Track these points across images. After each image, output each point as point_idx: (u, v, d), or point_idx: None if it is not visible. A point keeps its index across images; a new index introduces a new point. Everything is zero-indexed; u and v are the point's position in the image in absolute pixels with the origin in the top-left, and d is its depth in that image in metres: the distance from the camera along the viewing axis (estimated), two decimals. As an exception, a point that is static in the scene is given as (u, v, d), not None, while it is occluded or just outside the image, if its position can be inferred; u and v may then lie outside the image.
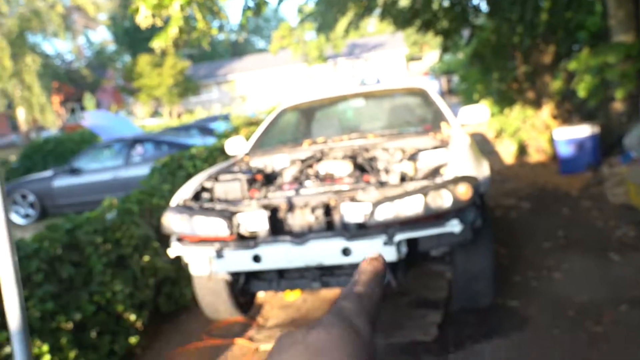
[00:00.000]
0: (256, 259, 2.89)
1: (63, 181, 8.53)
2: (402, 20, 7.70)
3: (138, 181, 5.12)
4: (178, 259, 3.55)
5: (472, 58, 8.69)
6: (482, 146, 8.44)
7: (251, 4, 4.31)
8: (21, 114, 24.39)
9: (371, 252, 0.40)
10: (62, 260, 3.07)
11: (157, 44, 3.73)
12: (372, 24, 41.01)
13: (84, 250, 3.22)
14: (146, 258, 3.59)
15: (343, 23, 8.20)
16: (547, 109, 7.53)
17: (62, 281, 3.04)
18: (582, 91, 5.90)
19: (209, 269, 3.12)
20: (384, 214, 2.76)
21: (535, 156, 7.62)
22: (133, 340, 3.28)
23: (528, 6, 6.12)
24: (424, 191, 2.75)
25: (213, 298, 3.43)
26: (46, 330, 2.76)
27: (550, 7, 6.77)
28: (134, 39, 36.35)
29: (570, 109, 7.46)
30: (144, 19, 3.34)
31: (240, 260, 2.93)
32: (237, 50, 46.49)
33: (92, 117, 13.95)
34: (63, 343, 2.81)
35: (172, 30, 3.62)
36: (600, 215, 4.75)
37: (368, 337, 0.33)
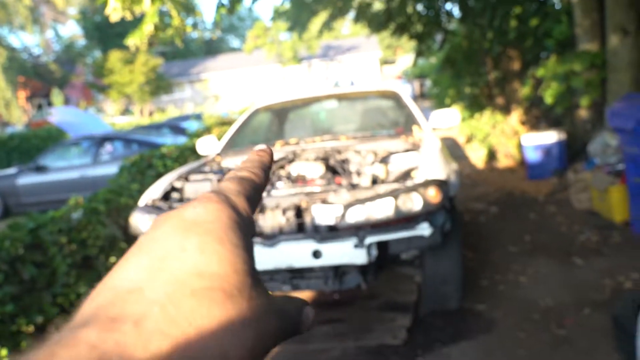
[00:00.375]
0: (226, 260, 2.85)
1: (28, 179, 8.30)
2: (376, 23, 7.76)
3: (106, 180, 5.02)
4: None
5: (445, 63, 8.82)
6: (453, 150, 8.56)
7: (225, 1, 4.26)
8: (-15, 108, 23.65)
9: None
10: (24, 261, 2.98)
11: (132, 41, 3.66)
12: (347, 26, 41.24)
13: (48, 251, 3.13)
14: (112, 259, 3.51)
15: (317, 23, 8.21)
16: (516, 115, 7.69)
17: (23, 282, 2.95)
18: (548, 98, 6.05)
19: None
20: (355, 216, 2.77)
21: (504, 161, 7.77)
22: (97, 343, 3.20)
23: (497, 13, 6.24)
24: (394, 194, 2.77)
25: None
26: (5, 334, 2.68)
27: (519, 14, 6.92)
28: (104, 34, 35.64)
29: (538, 115, 7.64)
30: (112, 11, 3.26)
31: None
32: (211, 48, 46.08)
33: (59, 114, 13.60)
34: (23, 347, 2.72)
35: (147, 28, 3.56)
36: (565, 220, 4.87)
37: (246, 215, 0.32)
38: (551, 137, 6.39)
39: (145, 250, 0.28)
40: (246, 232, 0.31)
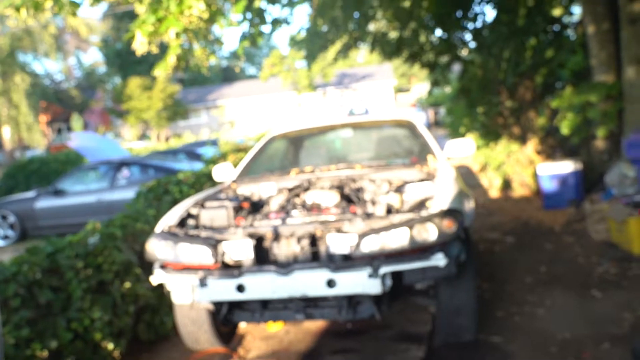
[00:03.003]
0: (240, 288, 2.86)
1: (46, 202, 8.42)
2: (389, 51, 7.87)
3: (123, 205, 5.08)
4: (160, 286, 3.50)
5: (459, 92, 8.86)
6: (467, 179, 8.53)
7: (248, 34, 4.38)
8: (7, 132, 24.17)
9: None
10: (41, 285, 3.01)
11: (157, 72, 3.77)
12: (362, 54, 41.72)
13: (64, 275, 3.16)
14: (127, 284, 3.53)
15: (332, 51, 8.34)
16: (532, 144, 7.66)
17: (39, 307, 2.98)
18: (565, 129, 6.03)
19: (191, 298, 3.08)
20: (370, 245, 2.77)
21: (519, 190, 7.72)
22: (110, 369, 3.20)
23: (512, 44, 6.30)
24: (409, 224, 2.76)
25: (194, 327, 3.38)
26: (20, 358, 2.69)
27: (534, 45, 6.97)
28: (125, 61, 36.48)
29: (554, 145, 7.60)
30: (140, 46, 3.38)
31: (224, 290, 2.89)
32: (228, 75, 46.85)
33: (78, 138, 13.89)
34: (37, 371, 2.73)
35: (171, 59, 3.67)
36: (582, 251, 4.80)
37: None
38: (567, 166, 6.35)
39: None
40: None
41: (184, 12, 3.19)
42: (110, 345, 3.24)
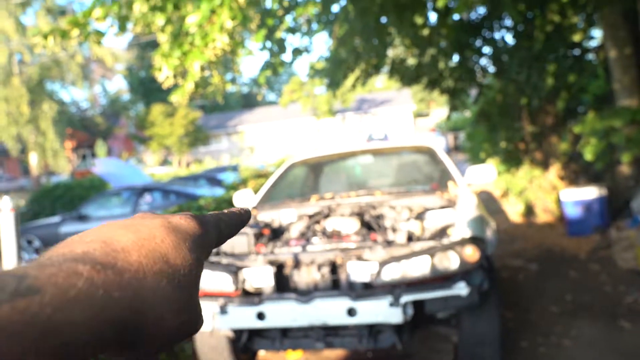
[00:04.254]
0: (260, 316, 2.85)
1: (70, 227, 8.57)
2: (408, 77, 7.91)
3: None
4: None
5: (479, 117, 8.84)
6: (489, 204, 8.44)
7: (269, 63, 4.46)
8: (34, 158, 24.79)
9: None
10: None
11: (174, 98, 3.86)
12: (381, 79, 42.02)
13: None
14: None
15: (352, 78, 8.42)
16: (554, 170, 7.57)
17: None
18: (588, 154, 5.95)
19: (211, 325, 3.08)
20: (391, 274, 2.74)
21: (542, 216, 7.60)
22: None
23: (533, 70, 6.28)
24: (430, 252, 2.74)
25: (214, 355, 3.36)
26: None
27: (555, 70, 6.94)
28: (148, 88, 37.37)
29: (577, 170, 7.50)
30: (166, 79, 3.47)
31: (244, 317, 2.89)
32: (248, 102, 47.57)
33: (102, 165, 14.15)
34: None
35: (189, 86, 3.75)
36: (609, 279, 4.68)
37: (211, 241, 0.43)
38: (591, 192, 6.24)
39: (137, 229, 0.37)
40: (207, 250, 0.41)
41: (208, 45, 3.27)
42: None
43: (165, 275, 0.35)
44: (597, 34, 7.94)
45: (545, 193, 7.56)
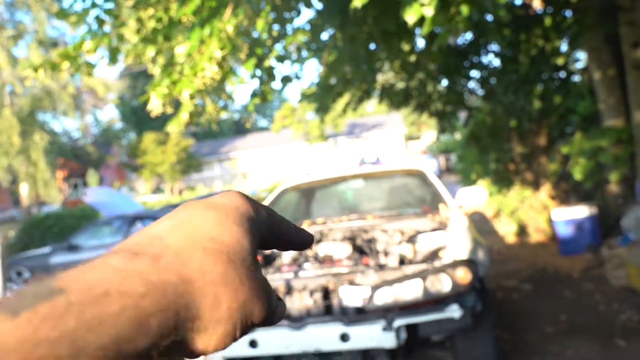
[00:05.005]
0: (253, 344, 2.82)
1: (61, 258, 8.48)
2: (397, 101, 8.01)
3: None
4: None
5: (469, 139, 8.93)
6: (481, 225, 8.46)
7: (258, 91, 4.51)
8: (24, 189, 24.63)
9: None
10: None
11: (170, 128, 3.89)
12: (372, 104, 42.44)
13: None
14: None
15: (342, 103, 8.51)
16: (545, 190, 7.63)
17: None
18: (577, 174, 6.02)
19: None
20: (383, 298, 2.74)
21: (534, 236, 7.62)
22: None
23: (520, 93, 6.39)
24: (423, 275, 2.74)
25: (207, 385, 3.31)
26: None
27: (542, 92, 7.06)
28: (140, 117, 37.49)
29: (568, 190, 7.56)
30: (155, 108, 3.50)
31: (237, 346, 2.86)
32: (240, 128, 47.80)
33: (94, 193, 14.09)
34: None
35: (184, 116, 3.78)
36: (602, 298, 4.68)
37: (262, 220, 0.37)
38: (582, 211, 6.28)
39: (175, 215, 0.35)
40: (257, 227, 0.36)
41: (197, 74, 3.31)
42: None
43: (212, 253, 0.32)
44: (582, 56, 8.11)
45: (537, 213, 7.60)
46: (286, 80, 4.89)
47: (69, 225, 14.09)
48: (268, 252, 3.69)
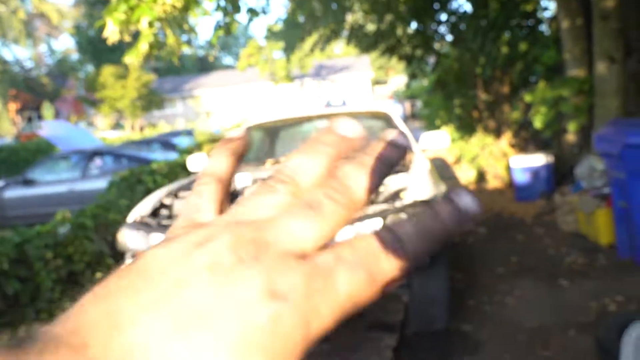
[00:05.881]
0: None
1: (14, 192, 8.22)
2: (366, 43, 7.88)
3: (95, 195, 5.00)
4: (132, 276, 3.46)
5: (436, 84, 8.94)
6: (442, 171, 8.62)
7: (222, 23, 4.32)
8: (-26, 120, 23.49)
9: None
10: (8, 276, 2.94)
11: (128, 59, 3.70)
12: (340, 46, 41.70)
13: (33, 266, 3.10)
14: (99, 275, 3.48)
15: (310, 42, 8.32)
16: (506, 138, 7.78)
17: (6, 297, 2.92)
18: (538, 122, 6.14)
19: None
20: (343, 235, 2.77)
21: (492, 182, 7.84)
22: (81, 360, 3.15)
23: (488, 38, 6.37)
24: (383, 215, 2.78)
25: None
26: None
27: (509, 39, 7.06)
28: (98, 48, 35.72)
29: (527, 138, 7.74)
30: (111, 34, 3.31)
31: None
32: (204, 65, 46.33)
33: (50, 127, 13.57)
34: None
35: (143, 46, 3.60)
36: (552, 242, 4.91)
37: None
38: (539, 159, 6.46)
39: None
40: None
41: (157, 0, 3.13)
42: (81, 337, 3.19)
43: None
44: (551, 5, 8.09)
45: (496, 160, 7.78)
46: (253, 13, 4.71)
47: (23, 158, 13.62)
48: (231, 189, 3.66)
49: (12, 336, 2.78)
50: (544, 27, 7.42)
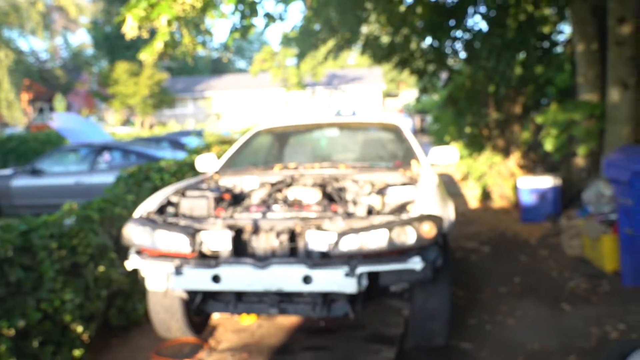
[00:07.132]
0: (215, 279, 2.84)
1: (22, 181, 8.27)
2: (380, 55, 7.89)
3: (102, 188, 5.01)
4: (134, 272, 3.46)
5: (447, 100, 8.93)
6: (449, 187, 8.60)
7: (238, 25, 4.35)
8: (-14, 108, 23.68)
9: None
10: (12, 263, 2.95)
11: (143, 55, 3.73)
12: (353, 56, 41.82)
13: (37, 255, 3.11)
14: (101, 268, 3.48)
15: (323, 51, 8.34)
16: (514, 158, 7.76)
17: (9, 285, 2.92)
18: (548, 145, 6.12)
19: (165, 285, 3.06)
20: (348, 245, 2.77)
21: (498, 202, 7.81)
22: (77, 353, 3.15)
23: (502, 57, 6.36)
24: (389, 226, 2.78)
25: (167, 315, 3.35)
26: (-14, 335, 2.64)
27: (524, 61, 7.06)
28: (113, 45, 35.98)
29: (536, 160, 7.71)
30: (130, 30, 3.34)
31: (199, 279, 2.88)
32: (217, 68, 46.53)
33: (61, 119, 13.63)
34: (2, 350, 2.68)
35: (158, 45, 3.63)
36: (555, 265, 4.88)
37: None
38: (547, 181, 6.45)
39: None
40: None
41: (177, -1, 3.16)
42: (80, 328, 3.20)
43: None
44: (567, 29, 8.10)
45: (504, 179, 7.75)
46: (270, 18, 4.73)
47: (32, 149, 13.70)
48: (237, 191, 3.67)
49: (9, 325, 2.79)
50: (558, 50, 7.42)
